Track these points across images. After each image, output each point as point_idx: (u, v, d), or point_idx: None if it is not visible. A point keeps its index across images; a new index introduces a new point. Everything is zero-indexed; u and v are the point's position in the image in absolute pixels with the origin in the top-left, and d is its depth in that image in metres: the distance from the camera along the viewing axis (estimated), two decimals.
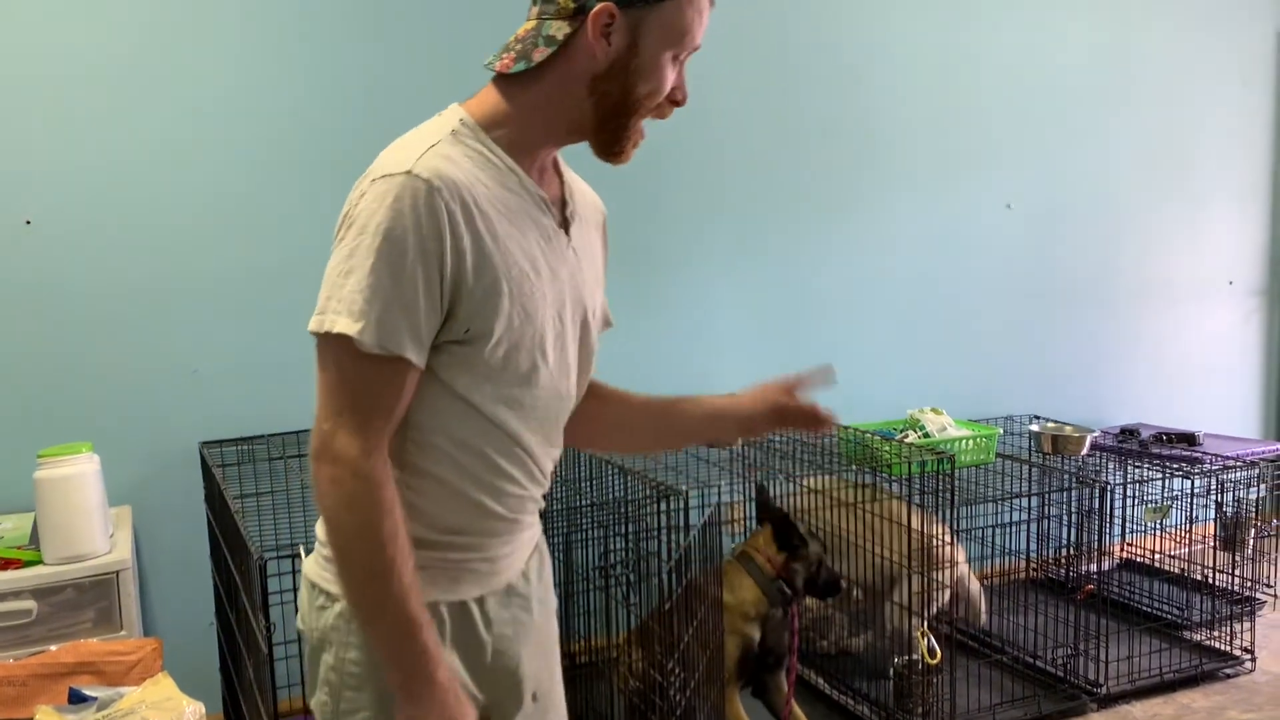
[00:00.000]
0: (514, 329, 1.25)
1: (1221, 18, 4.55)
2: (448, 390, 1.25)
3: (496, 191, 1.24)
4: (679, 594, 2.53)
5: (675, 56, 1.27)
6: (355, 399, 1.19)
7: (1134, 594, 3.93)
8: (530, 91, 1.28)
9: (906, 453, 2.94)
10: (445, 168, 1.19)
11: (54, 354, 2.88)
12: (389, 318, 1.16)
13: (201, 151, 3.00)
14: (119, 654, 2.11)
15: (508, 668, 1.40)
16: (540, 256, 1.28)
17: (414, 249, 1.16)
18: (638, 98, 1.27)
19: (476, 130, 1.27)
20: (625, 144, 1.31)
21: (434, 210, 1.17)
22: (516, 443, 1.31)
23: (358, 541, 1.19)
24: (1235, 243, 4.74)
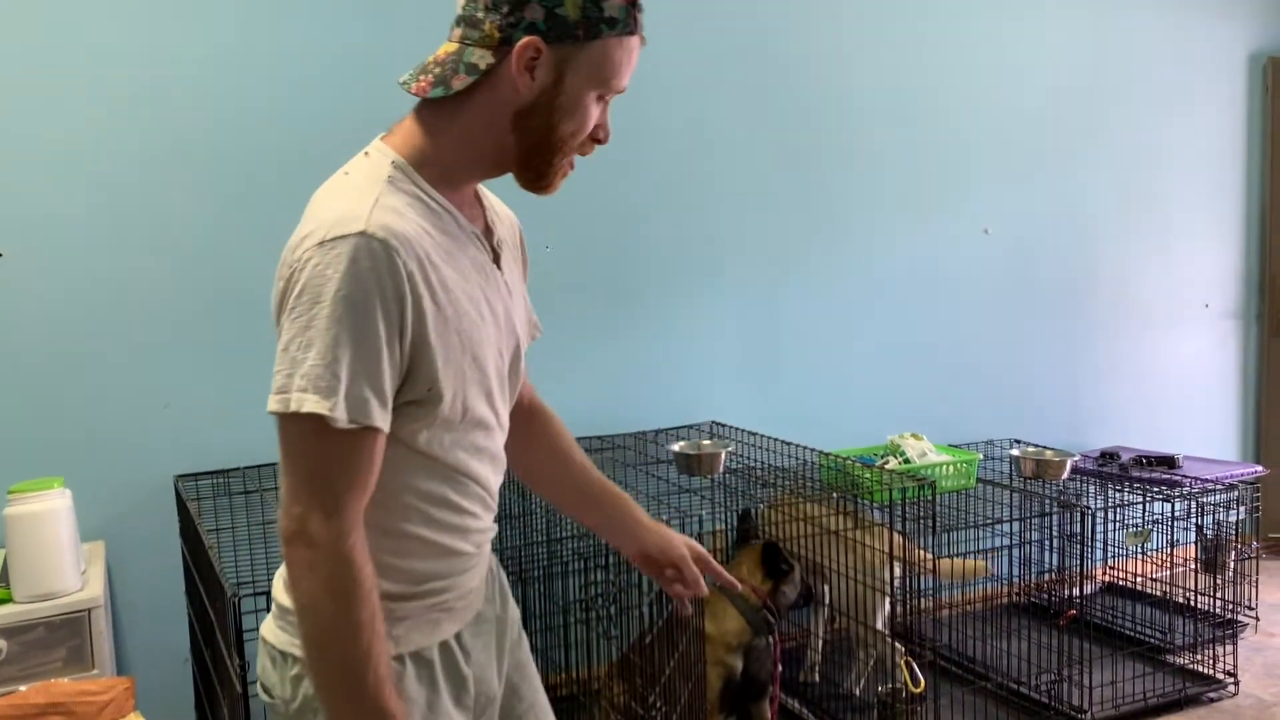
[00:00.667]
0: (467, 379, 1.24)
1: (1195, 43, 4.61)
2: (408, 448, 1.23)
3: (439, 238, 1.21)
4: (660, 626, 2.51)
5: (600, 96, 1.24)
6: (328, 478, 1.14)
7: (1117, 618, 3.93)
8: (452, 123, 1.24)
9: (887, 480, 2.93)
10: (396, 223, 1.15)
11: (24, 388, 2.84)
12: (356, 389, 1.12)
13: (173, 185, 2.98)
14: (90, 694, 2.07)
15: (486, 692, 1.42)
16: (482, 298, 1.27)
17: (378, 314, 1.12)
18: (561, 136, 1.24)
19: (410, 172, 1.23)
20: (552, 178, 1.28)
21: (394, 271, 1.13)
22: (476, 482, 1.32)
23: (334, 631, 1.13)
24: (1211, 266, 4.78)
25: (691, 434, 3.60)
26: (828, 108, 3.87)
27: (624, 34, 1.21)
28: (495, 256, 1.33)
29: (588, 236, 3.51)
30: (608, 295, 3.55)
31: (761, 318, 3.80)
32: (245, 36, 3.02)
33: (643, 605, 2.42)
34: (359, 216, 1.13)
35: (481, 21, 1.19)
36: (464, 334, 1.22)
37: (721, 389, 3.75)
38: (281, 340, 1.15)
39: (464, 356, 1.22)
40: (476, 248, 1.28)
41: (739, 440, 3.49)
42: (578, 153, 1.29)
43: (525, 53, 1.18)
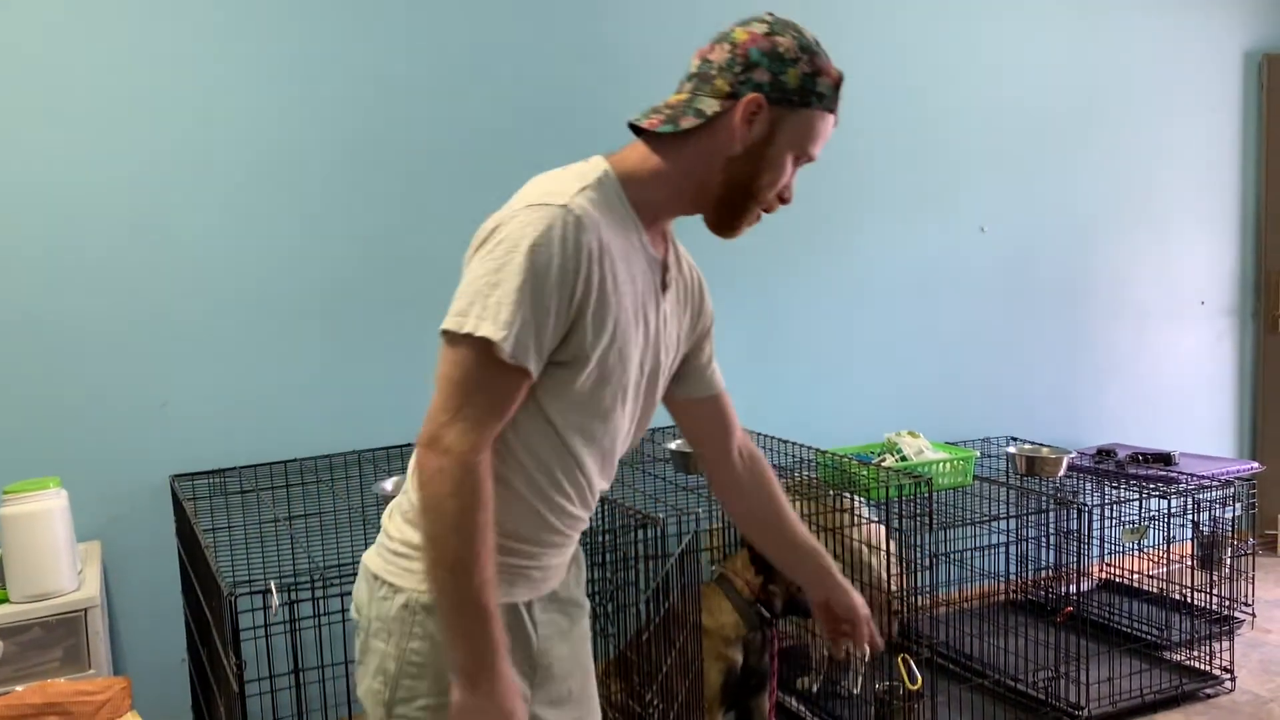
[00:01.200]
0: (608, 366, 1.37)
1: (1191, 40, 4.61)
2: (539, 410, 1.37)
3: (621, 242, 1.37)
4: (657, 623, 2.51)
5: (796, 158, 1.40)
6: (477, 399, 1.29)
7: (1113, 615, 3.93)
8: (670, 157, 1.41)
9: (884, 477, 2.93)
10: (591, 210, 1.32)
11: (20, 387, 2.84)
12: (524, 333, 1.27)
13: (169, 184, 2.98)
14: (87, 694, 2.07)
15: (545, 664, 1.50)
16: (642, 309, 1.42)
17: (556, 275, 1.28)
18: (761, 185, 1.40)
19: (616, 184, 1.40)
20: (741, 224, 1.43)
21: (579, 247, 1.29)
22: (580, 468, 1.43)
23: (454, 531, 1.27)
24: (1206, 264, 4.78)
25: None
26: None
27: (827, 110, 1.39)
28: (663, 285, 1.48)
29: None
30: None
31: (758, 315, 3.80)
32: (250, 44, 3.02)
33: (639, 602, 2.42)
34: (565, 194, 1.32)
35: (714, 77, 1.38)
36: (619, 325, 1.36)
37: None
38: (469, 275, 1.31)
39: (612, 345, 1.36)
40: (649, 267, 1.43)
41: None
42: (764, 208, 1.43)
43: (749, 105, 1.36)
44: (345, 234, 3.18)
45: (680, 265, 1.56)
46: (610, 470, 1.51)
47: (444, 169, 3.29)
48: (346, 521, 3.12)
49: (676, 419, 1.71)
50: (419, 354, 3.29)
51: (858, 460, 3.16)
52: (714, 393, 1.69)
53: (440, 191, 3.29)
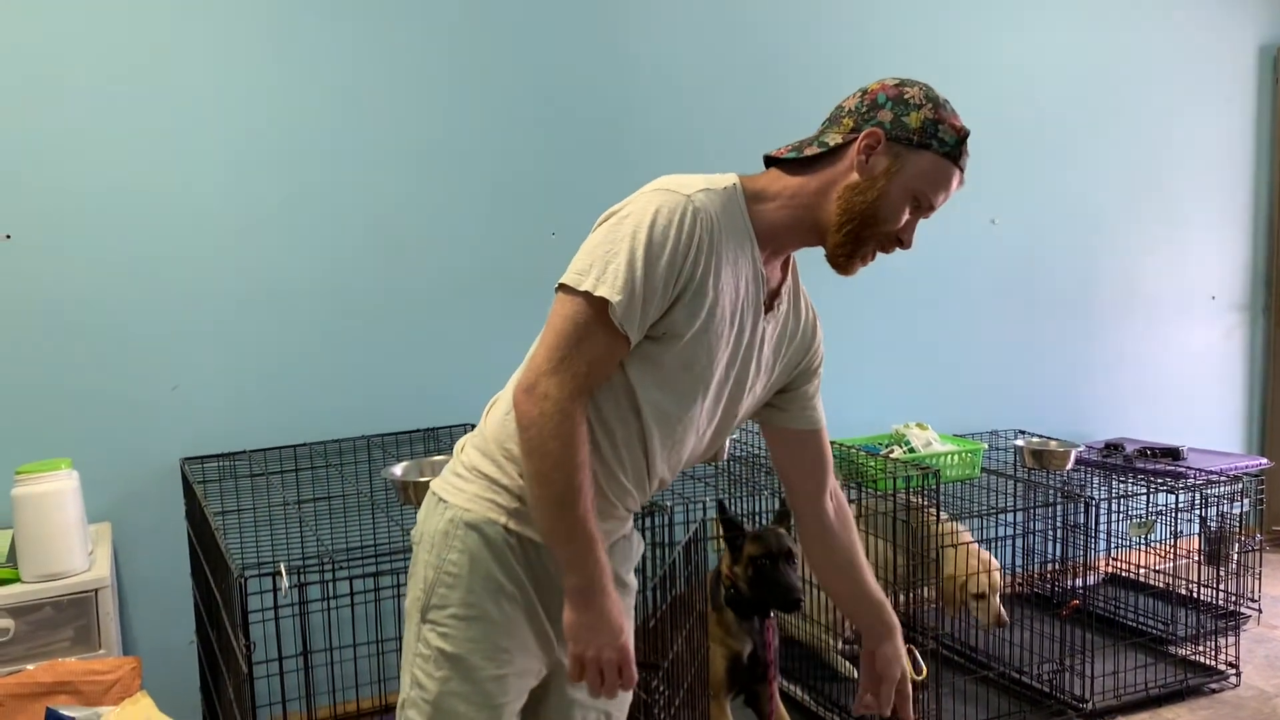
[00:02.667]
0: (693, 352, 1.46)
1: (1204, 34, 4.59)
2: (622, 376, 1.47)
3: (732, 248, 1.46)
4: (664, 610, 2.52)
5: (916, 203, 1.45)
6: (580, 354, 1.40)
7: (1119, 609, 3.93)
8: (794, 184, 1.49)
9: (892, 468, 2.93)
10: (711, 208, 1.43)
11: (32, 369, 2.86)
12: (634, 303, 1.39)
13: (183, 168, 2.98)
14: (97, 673, 2.08)
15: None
16: (740, 315, 1.50)
17: (668, 255, 1.39)
18: (877, 219, 1.45)
19: (741, 198, 1.49)
20: (855, 256, 1.48)
21: (693, 231, 1.40)
22: (645, 444, 1.51)
23: (557, 468, 1.38)
24: (1217, 258, 4.77)
25: None
26: (833, 98, 3.86)
27: (948, 157, 1.44)
28: (767, 306, 1.55)
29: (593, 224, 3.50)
30: None
31: None
32: (258, 36, 3.03)
33: (646, 590, 2.42)
34: (691, 188, 1.44)
35: (843, 117, 1.48)
36: (712, 318, 1.45)
37: None
38: (591, 240, 1.44)
39: (703, 335, 1.45)
40: (755, 281, 1.51)
41: (743, 428, 3.49)
42: (881, 247, 1.49)
43: (869, 139, 1.44)
44: (357, 219, 3.18)
45: (797, 299, 1.64)
46: (676, 461, 1.57)
47: (457, 160, 3.30)
48: (356, 506, 3.13)
49: (772, 450, 1.76)
50: (431, 340, 3.30)
51: (865, 451, 3.16)
52: (814, 428, 1.73)
53: (448, 179, 3.29)
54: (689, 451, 1.59)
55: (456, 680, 1.49)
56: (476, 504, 1.52)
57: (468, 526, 1.50)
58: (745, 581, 2.69)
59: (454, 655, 1.50)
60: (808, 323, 1.68)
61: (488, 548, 1.50)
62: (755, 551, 2.66)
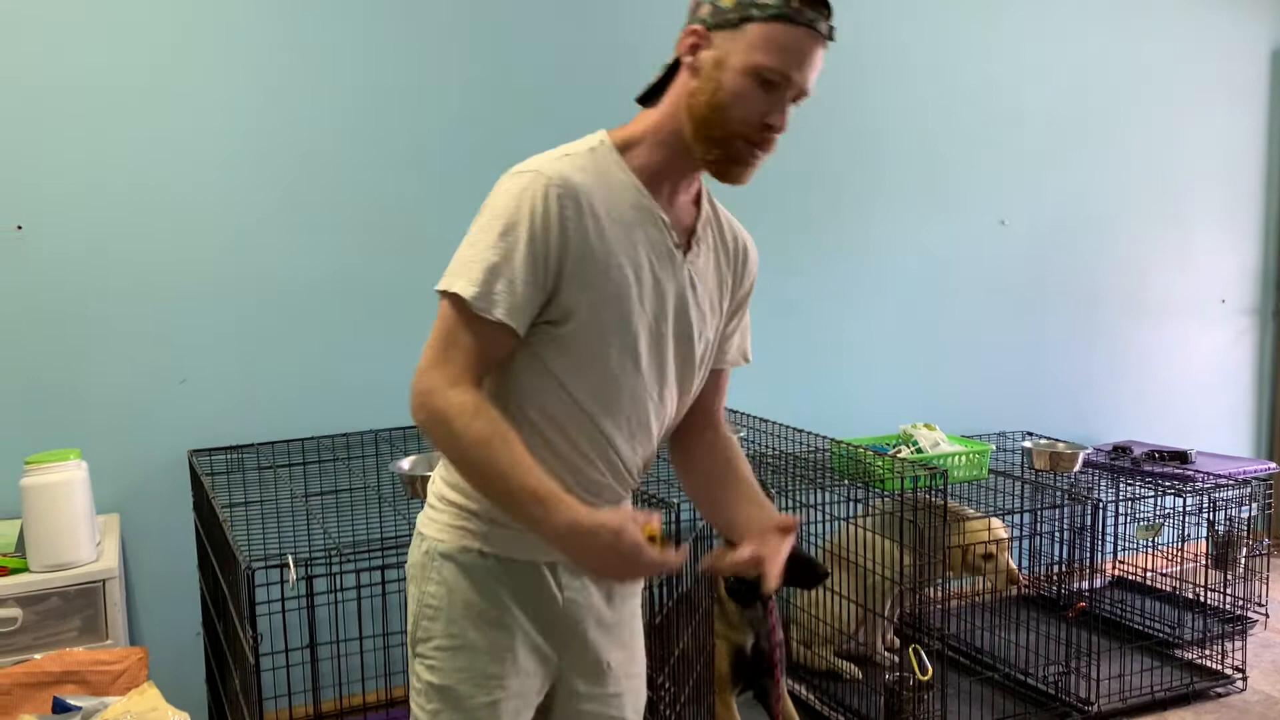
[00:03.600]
0: (603, 324, 1.40)
1: (1214, 37, 4.58)
2: (545, 368, 1.42)
3: (616, 202, 1.41)
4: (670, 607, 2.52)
5: (766, 80, 1.35)
6: (453, 351, 1.37)
7: (1125, 612, 3.92)
8: (654, 115, 1.45)
9: (899, 468, 2.93)
10: (569, 173, 1.38)
11: (42, 361, 2.86)
12: (494, 288, 1.35)
13: (193, 160, 2.99)
14: (104, 663, 2.09)
15: (577, 630, 1.54)
16: (647, 266, 1.43)
17: (526, 235, 1.35)
18: (730, 118, 1.37)
19: (611, 150, 1.44)
20: (728, 161, 1.40)
21: (548, 206, 1.35)
22: (599, 430, 1.45)
23: (458, 449, 1.34)
24: (1227, 261, 4.75)
25: None
26: (844, 98, 3.85)
27: (778, 19, 1.33)
28: (680, 245, 1.48)
29: None
30: None
31: (775, 306, 3.80)
32: (268, 29, 3.03)
33: (651, 587, 2.42)
34: (544, 161, 1.39)
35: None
36: (609, 284, 1.39)
37: (734, 376, 3.75)
38: (463, 241, 1.41)
39: (605, 304, 1.40)
40: (658, 228, 1.45)
41: (751, 427, 3.49)
42: (755, 143, 1.39)
43: (688, 38, 1.39)
44: (365, 215, 3.19)
45: (720, 229, 1.57)
46: (644, 440, 1.52)
47: (463, 158, 3.30)
48: (363, 499, 3.14)
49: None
50: None
51: (873, 451, 3.16)
52: (717, 367, 1.66)
53: (454, 176, 3.29)
54: (661, 419, 1.53)
55: (448, 712, 1.49)
56: (448, 534, 1.50)
57: (442, 557, 1.49)
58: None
59: (442, 687, 1.49)
60: (737, 250, 1.60)
61: (464, 576, 1.48)
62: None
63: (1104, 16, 4.31)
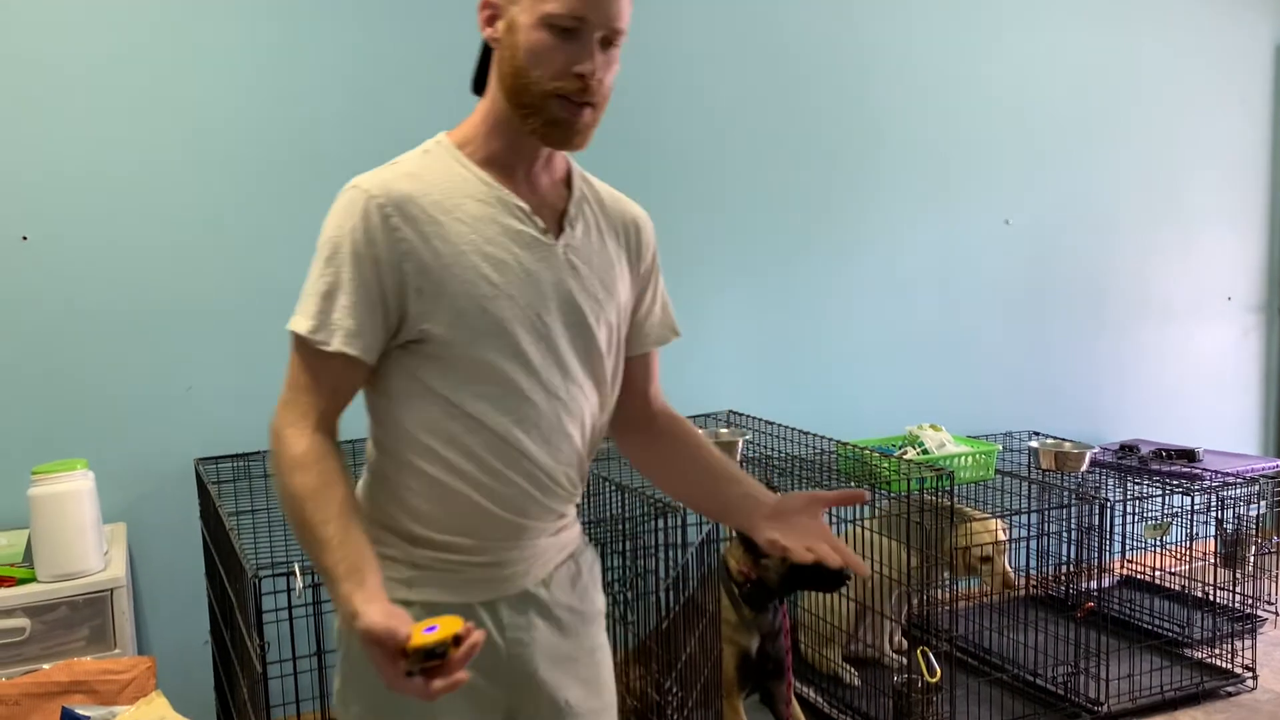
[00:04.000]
0: (472, 327, 1.31)
1: (1219, 34, 4.57)
2: (430, 392, 1.33)
3: (459, 200, 1.34)
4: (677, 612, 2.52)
5: (563, 30, 1.27)
6: (295, 387, 1.32)
7: (1134, 611, 3.91)
8: (482, 104, 1.40)
9: (906, 470, 2.92)
10: (394, 181, 1.32)
11: (49, 370, 2.87)
12: (329, 316, 1.30)
13: (197, 169, 3.00)
14: (112, 673, 2.09)
15: (525, 671, 1.43)
16: (510, 259, 1.34)
17: (351, 254, 1.29)
18: (530, 79, 1.30)
19: (449, 148, 1.38)
20: (546, 124, 1.31)
21: (368, 217, 1.29)
22: (507, 442, 1.35)
23: (281, 500, 1.29)
24: (1233, 259, 4.74)
25: (709, 423, 3.61)
26: (848, 100, 3.85)
27: None
28: (550, 230, 1.39)
29: None
30: None
31: (780, 307, 3.80)
32: (273, 37, 3.03)
33: (659, 591, 2.42)
34: (366, 176, 1.33)
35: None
36: (465, 282, 1.31)
37: (740, 378, 3.75)
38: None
39: (466, 306, 1.31)
40: (516, 217, 1.36)
41: (756, 429, 3.49)
42: (570, 97, 1.30)
43: (483, 13, 1.34)
44: None
45: (602, 207, 1.48)
46: (563, 444, 1.40)
47: None
48: None
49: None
50: None
51: (879, 453, 3.15)
52: (642, 351, 1.57)
53: None
54: (578, 417, 1.41)
55: None
56: None
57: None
58: (780, 572, 2.67)
59: None
60: (628, 225, 1.51)
61: None
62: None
63: (1107, 16, 4.30)
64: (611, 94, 1.36)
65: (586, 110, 1.32)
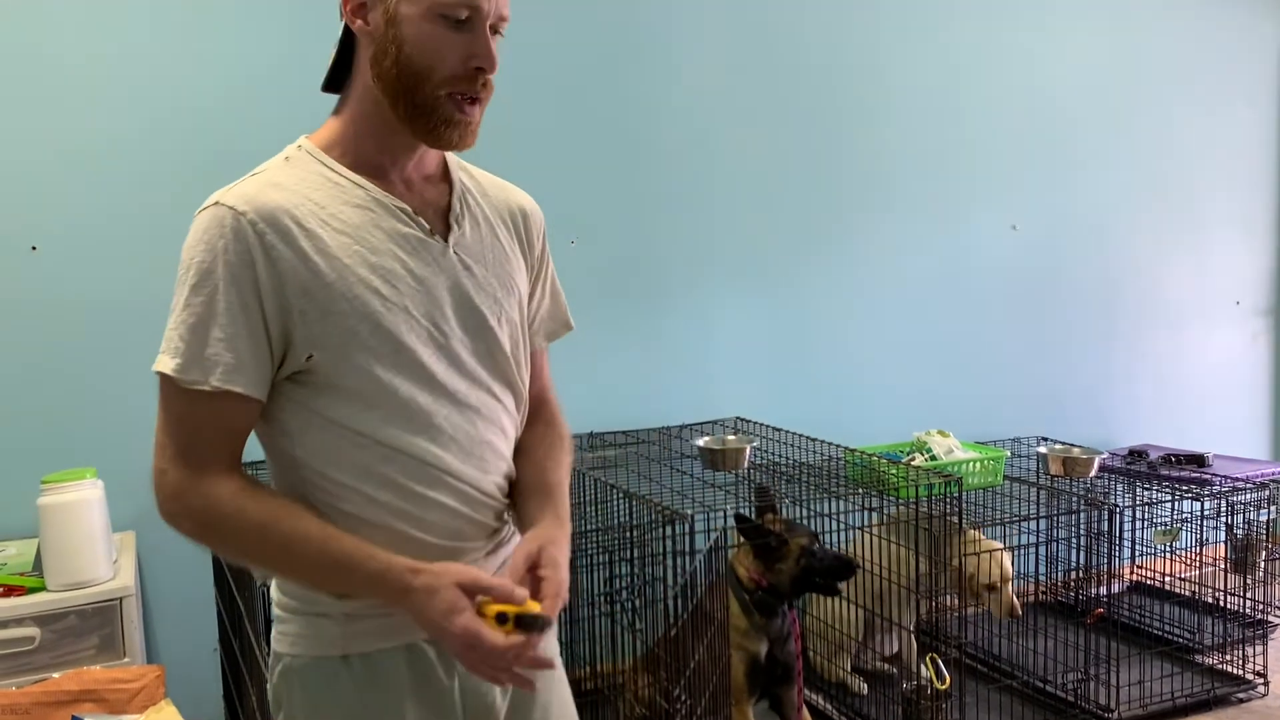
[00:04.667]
0: (364, 344, 1.20)
1: (1226, 38, 4.56)
2: (331, 423, 1.22)
3: (335, 208, 1.22)
4: (685, 619, 2.51)
5: (457, 22, 1.19)
6: (181, 436, 1.17)
7: (1144, 617, 3.90)
8: (345, 102, 1.28)
9: (913, 476, 2.92)
10: (260, 193, 1.19)
11: (58, 379, 2.88)
12: (202, 351, 1.16)
13: (207, 177, 3.00)
14: (122, 681, 2.09)
15: (481, 706, 1.33)
16: (398, 267, 1.24)
17: (223, 278, 1.16)
18: (425, 77, 1.20)
19: (314, 152, 1.27)
20: (439, 125, 1.23)
21: (240, 236, 1.16)
22: (429, 464, 1.24)
23: (242, 542, 1.18)
24: (1242, 263, 4.73)
25: (716, 429, 3.60)
26: (855, 105, 3.85)
27: None
28: (436, 231, 1.29)
29: (614, 232, 3.52)
30: (634, 291, 3.55)
31: (787, 313, 3.80)
32: (276, 42, 3.05)
33: (667, 599, 2.42)
34: (226, 190, 1.20)
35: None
36: (353, 297, 1.20)
37: (747, 385, 3.74)
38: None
39: (360, 326, 1.20)
40: (400, 220, 1.26)
41: (764, 436, 3.48)
42: (465, 89, 1.23)
43: (349, 4, 1.22)
44: None
45: (486, 197, 1.40)
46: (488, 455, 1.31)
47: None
48: None
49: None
50: None
51: (887, 459, 3.15)
52: (535, 347, 1.47)
53: None
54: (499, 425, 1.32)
55: None
56: (297, 645, 1.26)
57: (298, 676, 1.26)
58: (793, 575, 2.69)
59: None
60: (514, 212, 1.42)
61: (327, 693, 1.25)
62: (805, 542, 2.70)
63: (1113, 21, 4.30)
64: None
65: (477, 107, 1.25)
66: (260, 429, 1.27)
